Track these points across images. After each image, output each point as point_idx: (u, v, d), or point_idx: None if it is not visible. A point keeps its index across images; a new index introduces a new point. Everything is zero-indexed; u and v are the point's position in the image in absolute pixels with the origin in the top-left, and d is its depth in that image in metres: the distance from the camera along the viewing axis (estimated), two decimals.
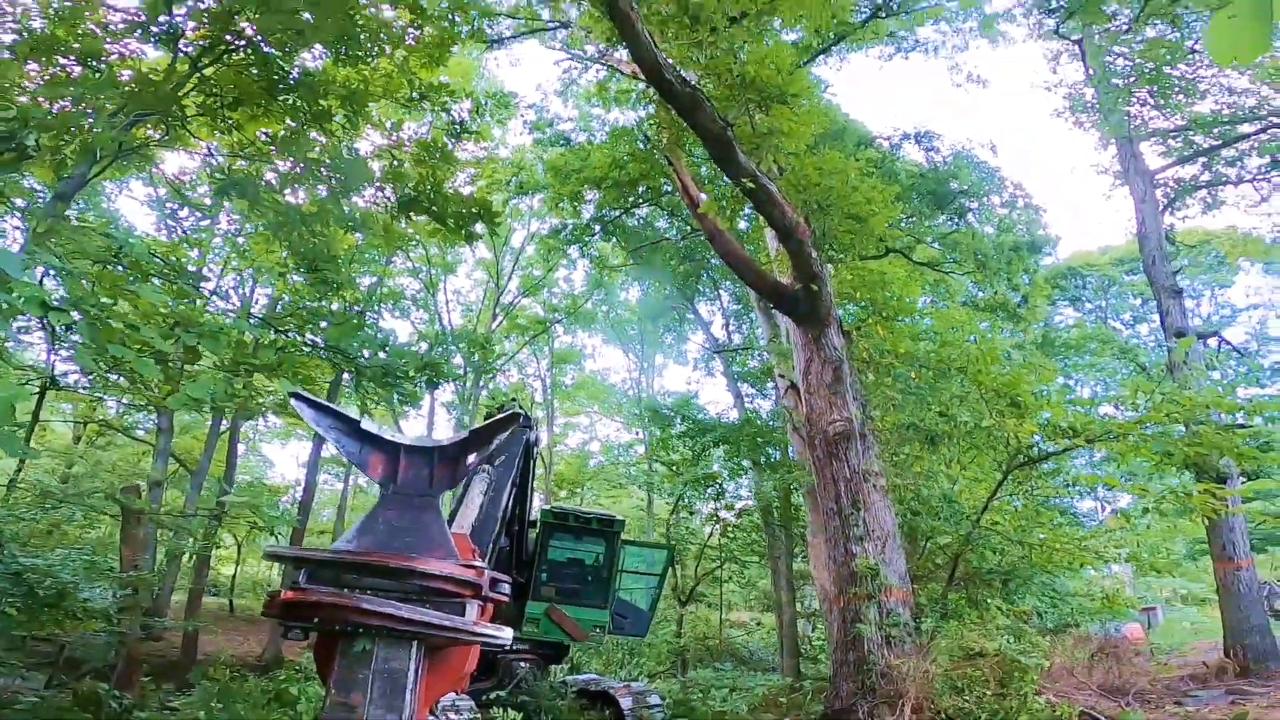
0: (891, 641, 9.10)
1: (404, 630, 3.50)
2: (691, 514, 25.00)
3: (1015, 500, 12.25)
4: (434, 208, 8.31)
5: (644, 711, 10.70)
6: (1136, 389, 8.93)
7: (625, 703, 10.66)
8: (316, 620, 3.55)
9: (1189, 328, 16.11)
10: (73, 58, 7.36)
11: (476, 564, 4.00)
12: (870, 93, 71.78)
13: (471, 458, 4.25)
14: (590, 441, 38.49)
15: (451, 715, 8.79)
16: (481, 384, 27.69)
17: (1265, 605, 14.90)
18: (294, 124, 8.52)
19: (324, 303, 9.18)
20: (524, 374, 35.08)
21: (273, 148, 8.56)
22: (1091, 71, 18.12)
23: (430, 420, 29.68)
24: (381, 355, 6.95)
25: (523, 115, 21.63)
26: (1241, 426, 9.10)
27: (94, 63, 7.46)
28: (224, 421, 19.08)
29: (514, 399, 9.37)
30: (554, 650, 11.63)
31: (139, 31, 7.61)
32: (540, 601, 11.07)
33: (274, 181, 8.48)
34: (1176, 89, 17.11)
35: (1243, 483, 13.09)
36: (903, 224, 16.36)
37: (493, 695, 10.15)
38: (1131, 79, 17.27)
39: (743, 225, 19.05)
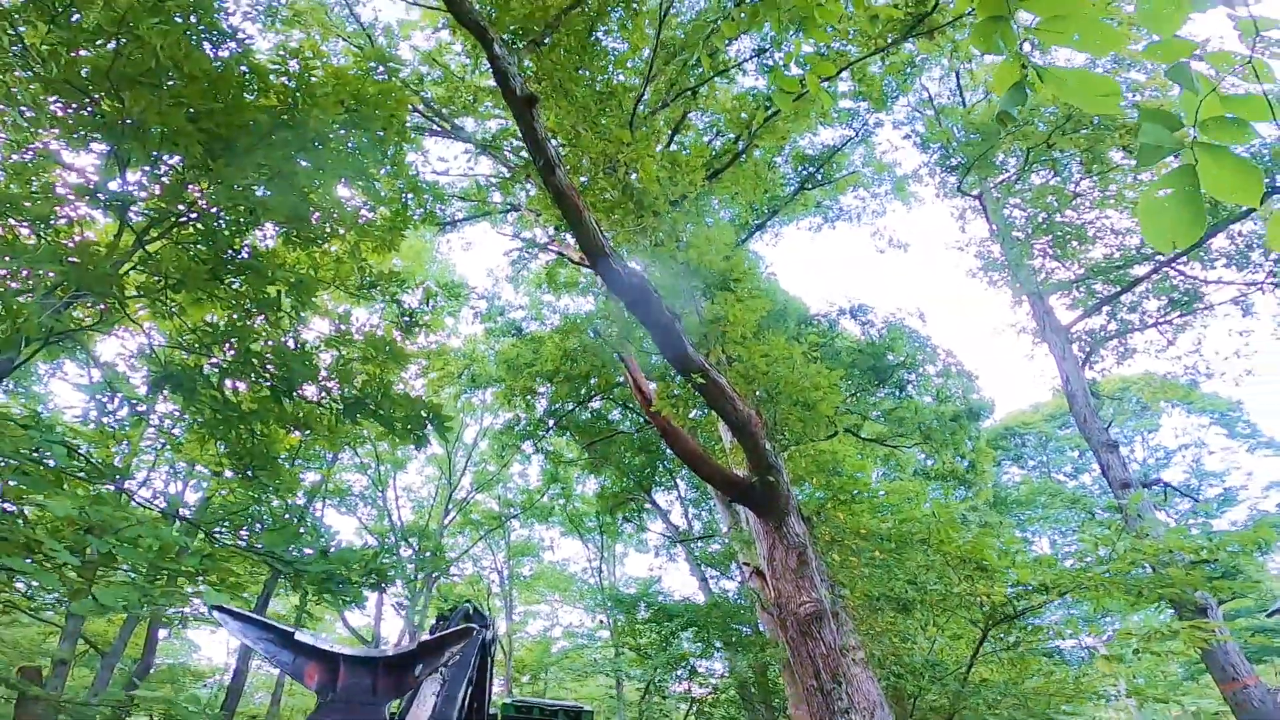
0: None
1: None
2: (664, 697, 23.41)
3: (999, 653, 11.82)
4: (381, 411, 8.15)
5: None
6: (1096, 543, 8.92)
7: None
8: None
9: (1132, 477, 16.42)
10: (23, 219, 7.01)
11: None
12: (805, 264, 76.65)
13: (419, 669, 3.98)
14: (552, 628, 36.69)
15: None
16: (433, 580, 26.38)
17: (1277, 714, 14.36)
18: (238, 313, 8.29)
19: (259, 506, 8.76)
20: (479, 566, 33.78)
21: (214, 339, 8.22)
22: (994, 227, 19.36)
23: (378, 615, 27.93)
24: (322, 563, 6.50)
25: (473, 306, 22.24)
26: (1205, 562, 9.07)
27: (43, 226, 7.06)
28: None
29: (468, 600, 8.83)
30: None
31: (88, 197, 7.24)
32: None
33: (212, 375, 8.18)
34: (1070, 236, 18.15)
35: (1221, 611, 12.97)
36: (847, 400, 16.80)
37: None
38: (1029, 231, 18.50)
39: (696, 413, 19.38)
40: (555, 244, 16.60)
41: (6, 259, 6.36)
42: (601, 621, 30.25)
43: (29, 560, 4.57)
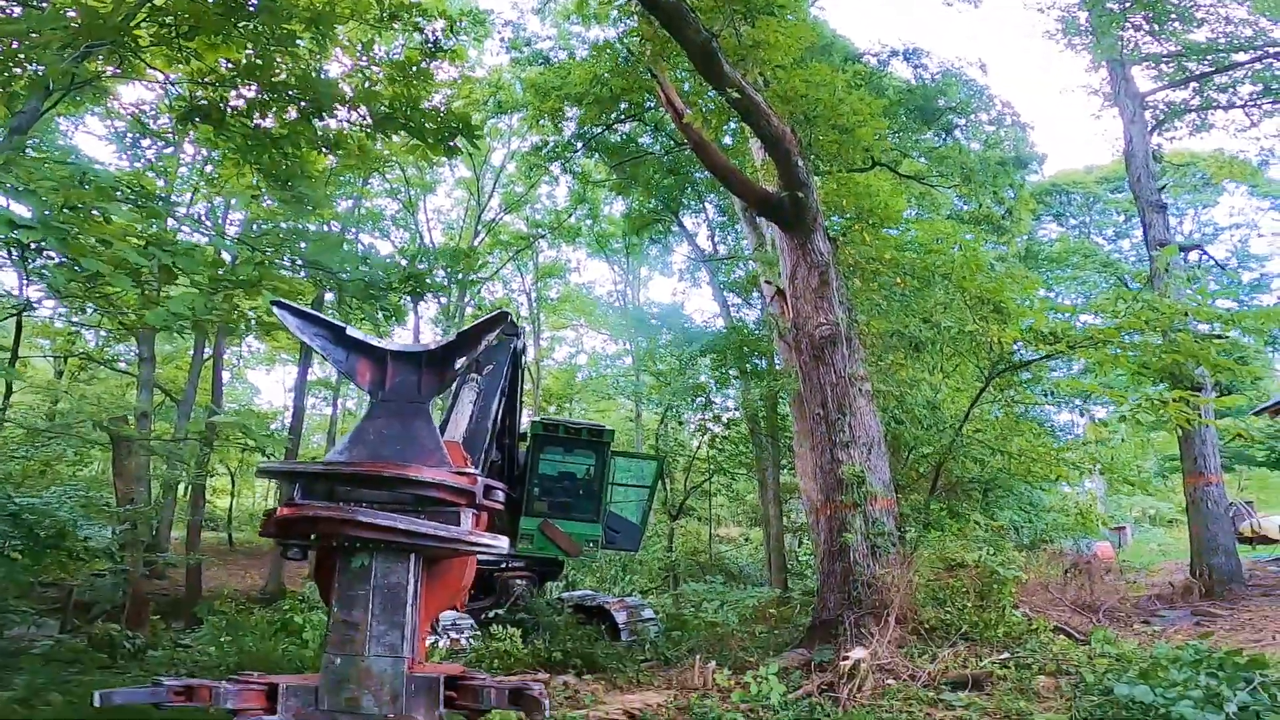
0: (877, 551, 9.21)
1: (402, 543, 3.43)
2: (680, 424, 25.23)
3: (996, 410, 12.45)
4: (412, 124, 8.04)
5: (638, 625, 10.98)
6: (1117, 297, 8.99)
7: (620, 617, 10.91)
8: (314, 536, 3.48)
9: (1172, 241, 16.11)
10: None
11: (470, 471, 3.98)
12: (860, 10, 69.44)
13: (459, 361, 4.14)
14: (578, 355, 38.62)
15: (452, 634, 8.99)
16: (467, 298, 27.50)
17: (1231, 525, 15.23)
18: (255, 50, 8.09)
19: (300, 223, 8.97)
20: (509, 289, 34.88)
21: (236, 75, 8.13)
22: None
23: (415, 337, 29.59)
24: (363, 269, 6.78)
25: (499, 34, 21.02)
26: (1218, 337, 9.19)
27: (37, 1, 7.02)
28: (206, 348, 18.88)
29: (503, 308, 9.25)
30: (550, 567, 11.73)
31: None
32: (533, 517, 11.13)
33: (239, 107, 8.13)
34: (1173, 15, 16.83)
35: (1216, 395, 13.30)
36: (890, 139, 16.07)
37: (491, 614, 10.33)
38: (1128, 4, 16.84)
39: (727, 140, 18.72)
40: None
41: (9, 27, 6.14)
42: (625, 347, 31.70)
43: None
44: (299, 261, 7.86)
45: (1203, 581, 13.41)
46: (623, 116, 19.96)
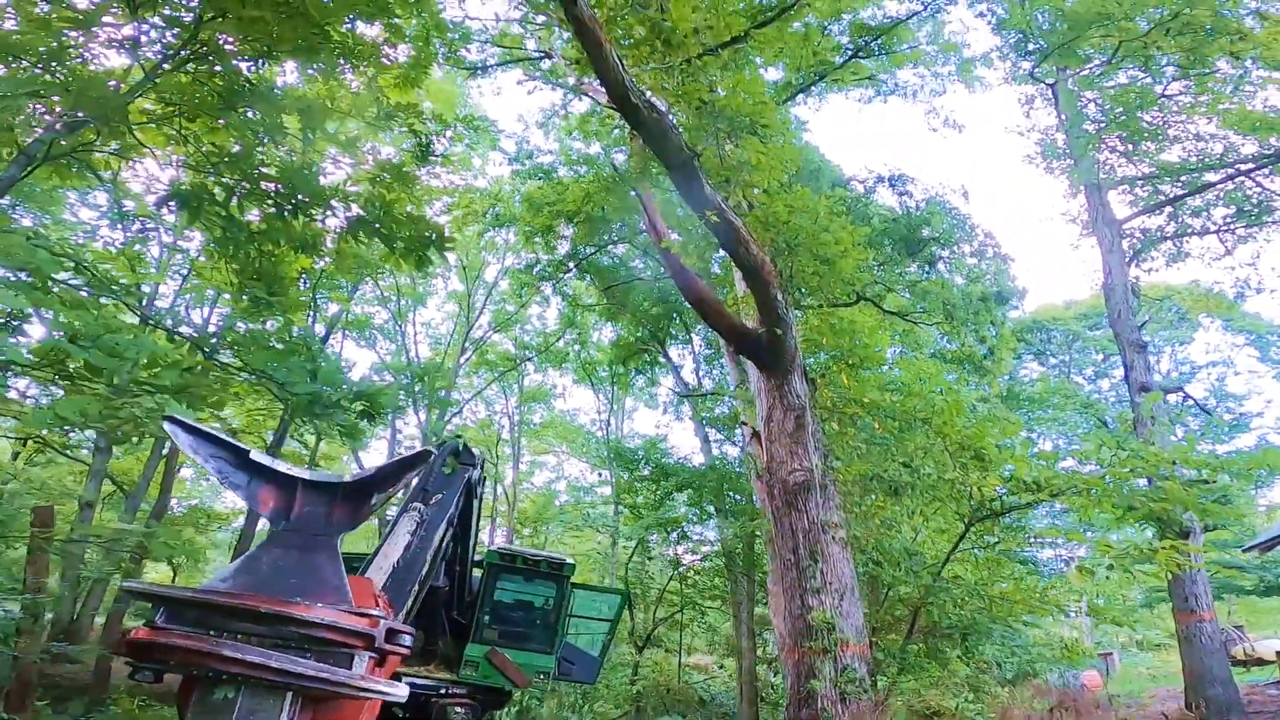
0: (847, 699, 8.66)
1: (275, 681, 3.13)
2: (651, 558, 24.48)
3: (977, 551, 11.99)
4: (383, 230, 7.96)
5: None
6: (1100, 444, 8.78)
7: None
8: (171, 663, 3.18)
9: (1153, 383, 16.13)
10: (34, 59, 7.08)
11: (372, 612, 3.60)
12: (849, 137, 73.25)
13: (376, 497, 3.92)
14: (557, 480, 37.93)
15: None
16: (447, 417, 27.12)
17: (1224, 653, 14.80)
18: (243, 140, 8.21)
19: (264, 325, 8.75)
20: (491, 410, 34.58)
21: (222, 160, 8.22)
22: (1064, 116, 18.42)
23: (390, 456, 29.00)
24: (310, 384, 6.45)
25: (503, 149, 21.74)
26: (1204, 483, 8.96)
27: (55, 66, 7.19)
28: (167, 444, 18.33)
29: (458, 436, 8.97)
30: (494, 695, 11.03)
31: (96, 35, 7.37)
32: (481, 644, 10.51)
33: (218, 194, 8.12)
34: (1145, 136, 17.29)
35: (1204, 537, 13.03)
36: (875, 271, 16.30)
37: None
38: (1102, 124, 17.49)
39: (716, 270, 18.98)
40: (587, 88, 15.81)
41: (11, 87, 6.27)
42: (604, 477, 31.21)
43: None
44: (257, 369, 7.59)
45: (1199, 713, 13.15)
46: (615, 239, 20.41)
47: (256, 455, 3.77)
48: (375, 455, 29.67)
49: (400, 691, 3.59)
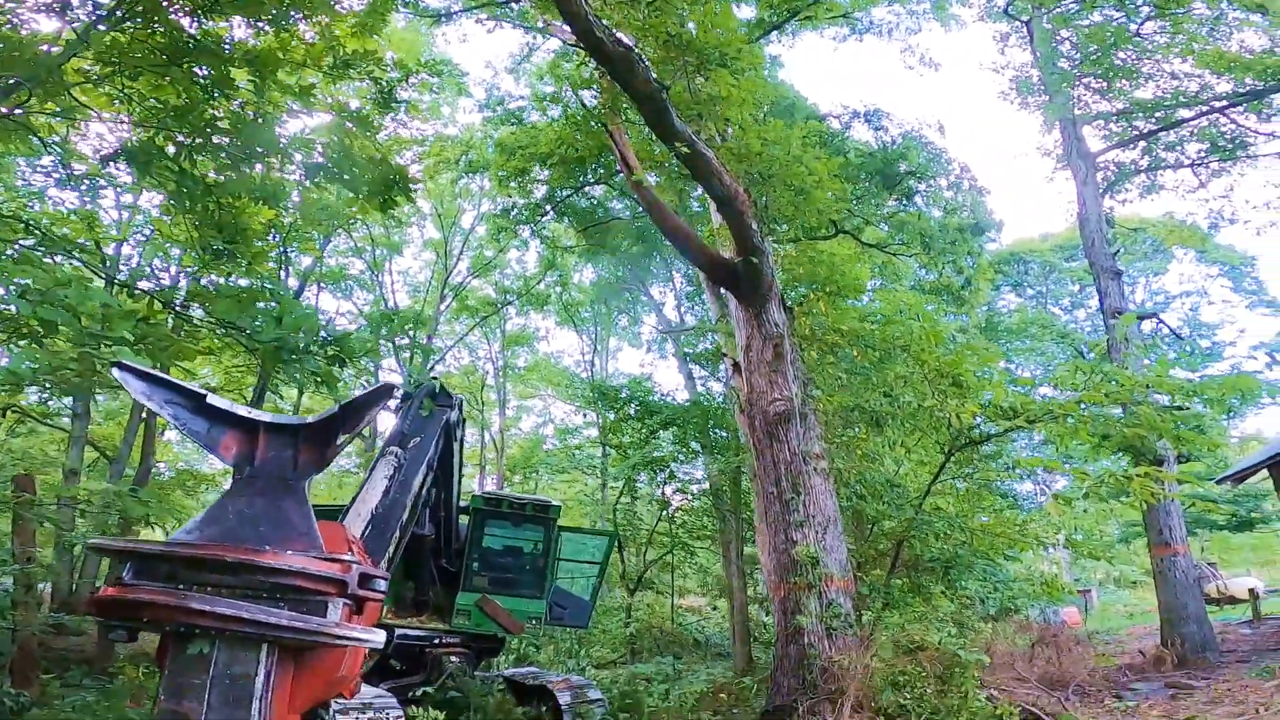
0: (833, 634, 8.77)
1: (248, 632, 3.12)
2: (637, 498, 24.66)
3: (959, 484, 12.12)
4: (344, 175, 7.72)
5: (582, 706, 10.30)
6: (1075, 369, 8.82)
7: (564, 698, 10.20)
8: (146, 620, 3.17)
9: (1127, 309, 16.16)
10: None
11: (344, 558, 3.55)
12: (824, 75, 72.18)
13: (343, 436, 3.84)
14: (544, 424, 37.83)
15: (370, 714, 8.21)
16: (429, 365, 26.99)
17: (1199, 589, 14.93)
18: (190, 95, 7.87)
19: (230, 278, 8.53)
20: (475, 356, 34.38)
21: (169, 115, 7.89)
22: (1039, 54, 18.22)
23: None
24: (277, 330, 6.30)
25: (471, 94, 21.24)
26: (1179, 409, 9.03)
27: None
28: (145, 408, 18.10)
29: (434, 378, 8.86)
30: (488, 643, 11.12)
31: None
32: (472, 592, 10.55)
33: (167, 149, 7.84)
34: (1120, 73, 17.30)
35: (1179, 467, 13.08)
36: (853, 205, 16.16)
37: (419, 692, 9.64)
38: (1077, 61, 17.38)
39: (696, 208, 18.77)
40: (554, 29, 15.32)
41: None
42: (590, 419, 31.25)
43: None
44: (223, 321, 7.40)
45: (1174, 651, 13.05)
46: (592, 180, 20.08)
47: (214, 399, 3.66)
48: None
49: (377, 638, 3.57)
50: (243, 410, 3.74)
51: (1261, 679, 9.77)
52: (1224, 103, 16.63)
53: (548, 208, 20.33)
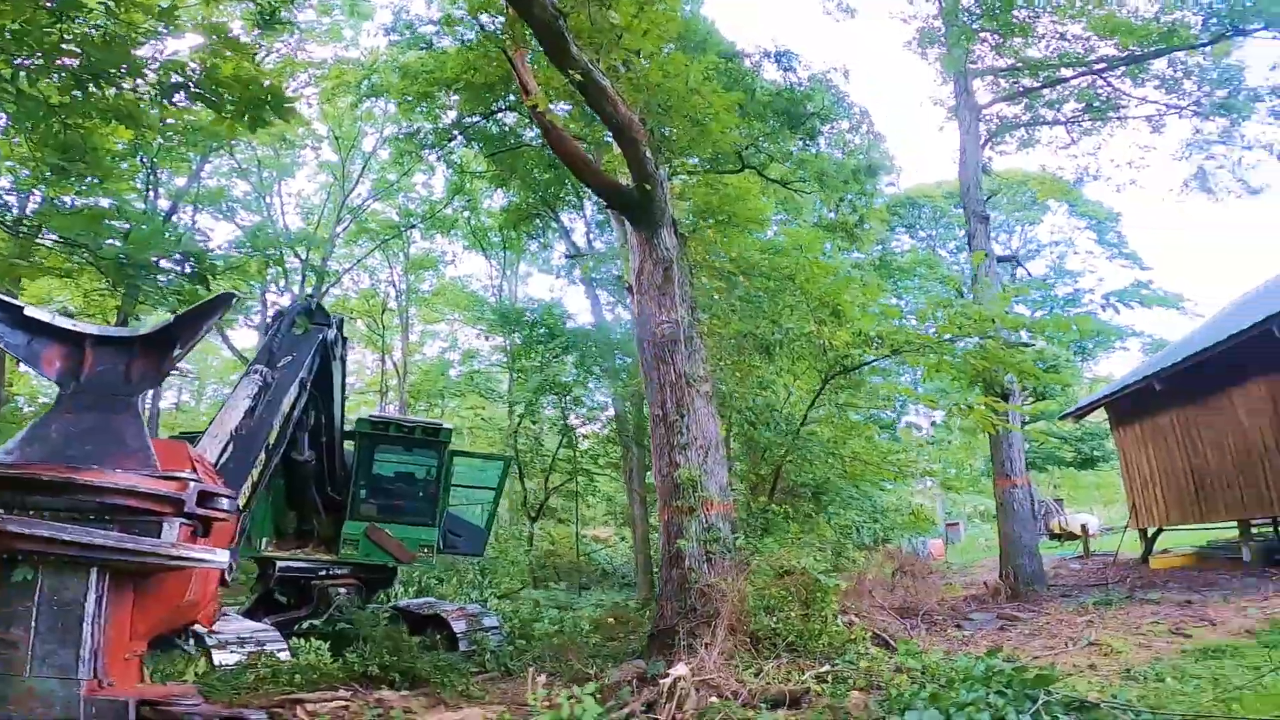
0: (711, 558, 8.95)
1: (74, 556, 3.03)
2: (535, 423, 24.67)
3: (855, 414, 12.62)
4: (206, 94, 7.18)
5: (478, 635, 10.38)
6: (937, 304, 9.28)
7: (459, 626, 10.26)
8: None
9: (990, 250, 16.67)
10: None
11: (179, 475, 3.46)
12: (747, 14, 71.32)
13: (180, 348, 3.67)
14: (450, 349, 37.08)
15: (250, 648, 8.10)
16: (323, 288, 25.99)
17: (1042, 524, 15.74)
18: (29, 21, 7.09)
19: (87, 202, 7.90)
20: (376, 280, 33.26)
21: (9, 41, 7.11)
22: (943, 5, 18.40)
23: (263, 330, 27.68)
24: (116, 245, 5.88)
25: (378, 20, 20.15)
26: (1026, 345, 9.64)
27: None
28: None
29: (309, 296, 8.57)
30: (379, 573, 10.95)
31: None
32: (359, 520, 10.36)
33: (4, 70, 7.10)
34: (1015, 31, 17.73)
35: (1030, 401, 14.00)
36: (760, 142, 16.25)
37: (305, 625, 9.53)
38: (978, 16, 17.73)
39: (608, 137, 18.44)
40: None
41: None
42: (498, 343, 30.89)
43: None
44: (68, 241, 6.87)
45: (1009, 583, 13.68)
46: (504, 107, 19.49)
47: (33, 311, 3.46)
48: (246, 334, 28.36)
49: (219, 557, 3.50)
50: (67, 323, 3.55)
51: (1075, 614, 10.42)
52: (1104, 65, 17.40)
53: (456, 134, 19.81)
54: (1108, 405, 19.47)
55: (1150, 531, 17.79)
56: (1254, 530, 15.75)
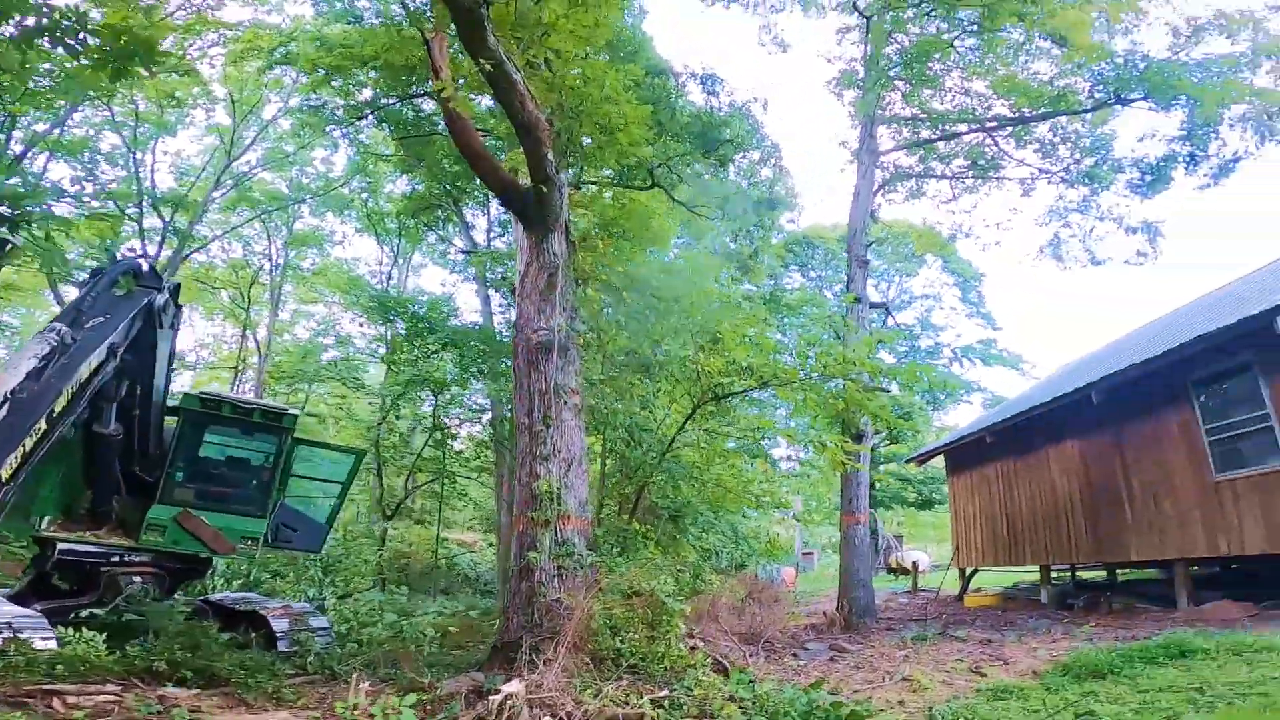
0: (563, 573, 8.74)
1: None
2: (398, 416, 23.67)
3: (730, 443, 12.60)
4: (69, 41, 6.34)
5: (302, 634, 9.57)
6: (807, 342, 9.39)
7: (279, 624, 9.42)
8: None
9: (864, 295, 17.05)
10: None
11: None
12: (686, 35, 72.46)
13: None
14: (324, 332, 35.00)
15: (5, 633, 7.09)
16: (184, 252, 24.07)
17: (882, 559, 16.51)
18: None
19: None
20: (250, 251, 31.12)
21: None
22: (869, 50, 18.94)
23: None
24: None
25: None
26: (881, 390, 9.90)
27: None
28: None
29: (141, 255, 7.73)
30: (188, 563, 9.90)
31: None
32: (170, 505, 9.32)
33: None
34: (926, 82, 18.40)
35: (887, 444, 14.59)
36: (672, 162, 16.23)
37: (85, 613, 8.49)
38: (898, 66, 18.33)
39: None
40: None
41: None
42: (379, 331, 29.52)
43: None
44: None
45: (844, 615, 14.12)
46: (423, 93, 18.75)
47: None
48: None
49: None
50: None
51: (895, 648, 10.75)
52: (995, 124, 18.26)
53: (368, 113, 19.06)
54: (946, 453, 21.08)
55: (969, 571, 19.16)
56: (1053, 575, 17.25)
